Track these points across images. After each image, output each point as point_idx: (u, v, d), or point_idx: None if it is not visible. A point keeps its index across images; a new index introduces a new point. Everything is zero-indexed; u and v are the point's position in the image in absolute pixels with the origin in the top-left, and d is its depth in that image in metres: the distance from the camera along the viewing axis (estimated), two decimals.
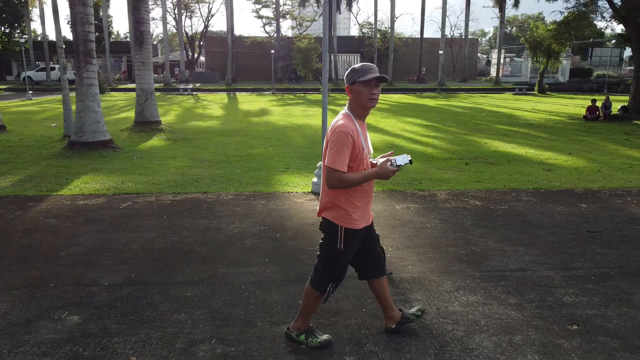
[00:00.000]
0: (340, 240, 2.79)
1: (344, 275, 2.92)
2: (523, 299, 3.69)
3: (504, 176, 8.20)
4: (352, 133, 2.62)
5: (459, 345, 3.06)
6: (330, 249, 2.84)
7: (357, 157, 2.68)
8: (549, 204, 6.35)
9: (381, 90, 2.79)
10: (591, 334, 3.22)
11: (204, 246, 4.69)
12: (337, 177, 2.61)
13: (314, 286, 2.92)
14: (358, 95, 2.68)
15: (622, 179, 8.02)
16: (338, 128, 2.63)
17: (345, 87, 2.76)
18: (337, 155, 2.60)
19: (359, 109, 2.73)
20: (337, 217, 2.77)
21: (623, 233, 5.23)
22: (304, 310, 3.02)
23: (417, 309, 3.22)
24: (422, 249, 4.69)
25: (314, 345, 2.96)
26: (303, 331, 3.02)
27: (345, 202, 2.75)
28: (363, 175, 2.67)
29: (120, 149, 10.49)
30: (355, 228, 2.79)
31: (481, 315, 3.44)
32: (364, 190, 2.78)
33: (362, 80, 2.63)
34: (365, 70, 2.65)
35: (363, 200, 2.80)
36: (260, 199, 6.44)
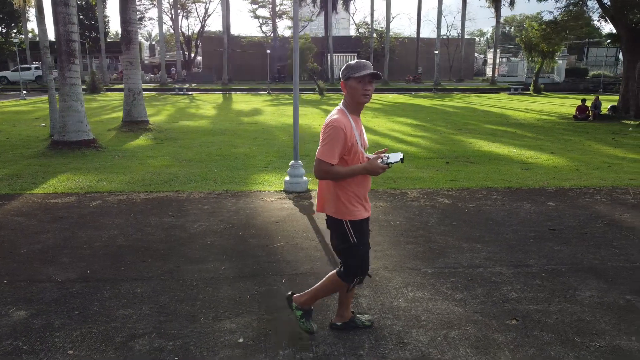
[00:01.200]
0: (351, 234, 2.83)
1: (366, 267, 2.94)
2: (469, 295, 3.74)
3: (481, 175, 8.24)
4: (345, 128, 2.69)
5: (394, 339, 3.11)
6: (345, 246, 2.88)
7: (352, 151, 2.74)
8: (517, 202, 6.40)
9: (377, 91, 2.87)
10: (528, 328, 3.27)
11: (165, 243, 4.75)
12: (325, 169, 2.70)
13: (342, 278, 2.95)
14: (352, 91, 2.76)
15: (598, 178, 8.07)
16: (331, 122, 2.71)
17: (340, 83, 2.83)
18: (327, 148, 2.68)
19: (353, 104, 2.80)
20: (338, 211, 2.82)
21: (584, 231, 5.27)
22: (317, 292, 3.07)
23: (367, 319, 3.27)
24: (380, 247, 4.74)
25: (302, 328, 3.04)
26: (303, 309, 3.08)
27: (344, 195, 2.80)
28: (351, 169, 2.73)
29: (104, 148, 10.55)
30: (358, 218, 2.84)
31: (423, 310, 3.49)
32: (359, 182, 2.83)
33: (357, 77, 2.72)
34: (360, 67, 2.73)
35: (360, 191, 2.85)
36: (231, 197, 6.50)
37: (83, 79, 40.66)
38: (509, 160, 10.04)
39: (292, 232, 5.11)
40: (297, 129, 7.04)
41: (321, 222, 5.47)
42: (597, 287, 3.91)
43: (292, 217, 5.66)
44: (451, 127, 16.26)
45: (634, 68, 18.11)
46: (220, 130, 14.93)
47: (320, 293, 3.07)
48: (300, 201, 6.34)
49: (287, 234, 5.05)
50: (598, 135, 14.63)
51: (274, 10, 45.55)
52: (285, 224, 5.40)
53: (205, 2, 48.67)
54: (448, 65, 52.00)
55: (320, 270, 4.16)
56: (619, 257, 4.55)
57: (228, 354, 2.92)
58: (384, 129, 15.60)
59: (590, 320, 3.38)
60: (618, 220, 5.69)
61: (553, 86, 38.85)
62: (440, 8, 41.39)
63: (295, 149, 6.96)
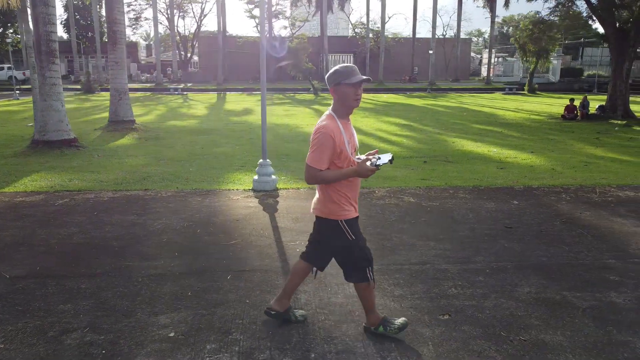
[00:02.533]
0: (347, 232, 2.92)
1: (370, 256, 3.01)
2: (408, 291, 3.80)
3: (454, 174, 8.30)
4: (334, 134, 2.75)
5: (323, 333, 3.17)
6: (344, 245, 2.95)
7: (341, 156, 2.81)
8: (482, 201, 6.45)
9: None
10: (458, 323, 3.32)
11: (121, 241, 4.81)
12: (314, 174, 2.78)
13: (359, 281, 3.01)
14: (344, 96, 2.81)
15: (570, 177, 8.12)
16: (320, 129, 2.76)
17: (330, 88, 2.84)
18: (316, 154, 2.75)
19: (343, 109, 2.86)
20: (332, 212, 2.90)
21: (540, 229, 5.33)
22: (366, 305, 3.11)
23: (301, 314, 3.33)
24: None
25: (394, 333, 3.07)
26: (379, 323, 3.11)
27: (337, 197, 2.89)
28: (341, 173, 2.80)
29: (85, 147, 10.61)
30: (350, 217, 2.94)
31: (360, 306, 3.53)
32: (352, 184, 2.91)
33: (349, 83, 2.77)
34: (350, 72, 2.77)
35: (351, 193, 2.94)
36: (198, 196, 6.56)
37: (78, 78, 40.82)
38: (487, 159, 10.10)
39: (250, 230, 5.17)
40: (264, 128, 7.10)
41: (281, 219, 5.55)
42: (538, 283, 3.97)
43: (254, 215, 5.72)
44: (438, 126, 16.31)
45: (621, 68, 18.15)
46: (207, 129, 15.00)
47: (367, 304, 3.11)
48: (265, 200, 6.40)
49: (245, 232, 5.11)
50: (583, 134, 14.67)
51: (269, 10, 45.58)
52: (245, 222, 5.46)
53: (202, 2, 48.76)
54: (444, 65, 52.03)
55: (268, 266, 4.23)
56: (567, 254, 4.61)
57: (155, 348, 2.98)
58: (371, 128, 15.65)
59: (522, 316, 3.44)
60: (577, 218, 5.74)
61: (548, 86, 38.86)
62: (435, 8, 41.44)
63: (264, 148, 7.01)
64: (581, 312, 3.50)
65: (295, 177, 7.85)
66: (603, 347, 3.06)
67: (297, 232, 5.12)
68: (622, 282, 4.00)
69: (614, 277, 4.10)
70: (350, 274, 3.05)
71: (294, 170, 8.49)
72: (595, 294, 3.79)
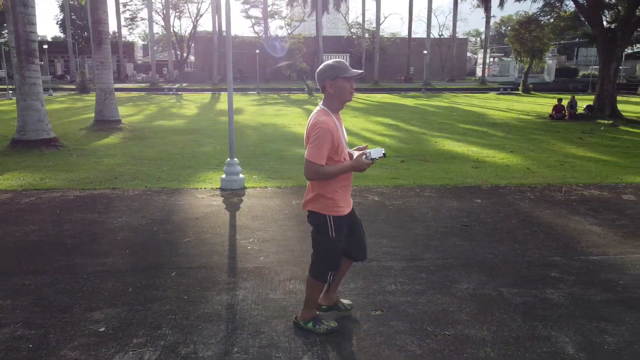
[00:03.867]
0: (331, 229, 2.95)
1: (340, 261, 3.07)
2: (347, 288, 3.85)
3: (426, 173, 8.35)
4: (332, 129, 2.80)
5: (251, 328, 3.23)
6: (323, 239, 3.00)
7: (338, 151, 2.86)
8: (446, 200, 6.50)
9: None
10: (388, 318, 3.38)
11: (76, 239, 4.86)
12: (315, 170, 2.79)
13: (316, 278, 3.07)
14: (340, 90, 2.85)
15: (541, 176, 8.17)
16: (319, 124, 2.78)
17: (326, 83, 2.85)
18: (317, 150, 2.76)
19: (337, 104, 2.90)
20: (323, 207, 2.93)
21: (495, 227, 5.38)
22: (308, 300, 3.16)
23: (348, 303, 3.43)
24: (287, 242, 4.85)
25: (321, 332, 3.12)
26: (310, 319, 3.16)
27: (330, 191, 2.91)
28: (339, 168, 2.84)
29: (65, 147, 10.67)
30: (341, 214, 2.98)
31: (295, 302, 3.60)
32: (345, 179, 2.96)
33: (346, 76, 2.82)
34: (345, 67, 2.83)
35: (345, 188, 2.98)
36: (165, 194, 6.61)
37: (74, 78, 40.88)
38: (465, 158, 10.15)
39: (207, 228, 5.22)
40: (232, 128, 7.16)
41: (240, 218, 5.60)
42: (478, 279, 4.02)
43: (215, 213, 5.77)
44: (425, 126, 16.37)
45: (609, 68, 18.19)
46: (193, 129, 15.07)
47: (310, 299, 3.17)
48: (230, 198, 6.46)
49: (201, 230, 5.17)
50: (567, 134, 14.72)
51: (265, 10, 45.66)
52: (204, 220, 5.52)
53: (198, 2, 48.79)
54: (440, 65, 52.07)
55: (215, 264, 4.28)
56: (515, 251, 4.66)
57: (82, 342, 3.04)
58: (358, 128, 15.72)
59: (453, 311, 3.49)
60: (535, 216, 5.80)
61: (543, 86, 38.92)
62: (430, 8, 41.48)
63: (231, 148, 7.07)
64: (513, 307, 3.55)
65: (266, 177, 7.91)
66: (524, 341, 3.11)
67: (252, 230, 5.17)
68: (561, 278, 4.06)
69: (555, 273, 4.15)
70: (313, 268, 3.10)
71: (268, 170, 8.55)
72: (531, 290, 3.85)
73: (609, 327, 3.30)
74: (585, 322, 3.36)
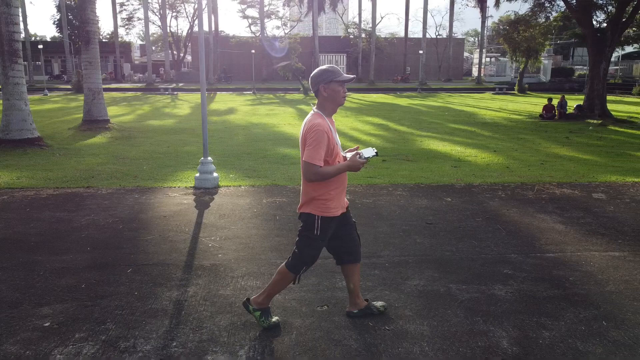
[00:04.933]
0: (317, 227, 3.03)
1: (316, 259, 3.14)
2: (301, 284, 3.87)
3: (404, 172, 8.40)
4: (327, 131, 2.89)
5: (194, 323, 3.28)
6: (307, 234, 3.08)
7: (333, 152, 2.95)
8: (416, 198, 6.55)
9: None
10: (332, 314, 3.43)
11: (40, 236, 4.91)
12: (314, 171, 2.87)
13: (290, 269, 3.13)
14: (334, 94, 2.96)
15: (518, 175, 8.21)
16: (315, 127, 2.88)
17: (320, 87, 2.95)
18: (315, 152, 2.86)
19: (331, 106, 3.00)
20: (315, 208, 3.02)
21: (459, 225, 5.43)
22: (272, 289, 3.21)
23: (381, 305, 3.45)
24: (249, 239, 4.90)
25: (264, 326, 3.18)
26: (261, 309, 3.21)
27: (323, 193, 2.99)
28: (337, 168, 2.93)
29: (49, 146, 10.73)
30: (331, 215, 3.04)
31: (244, 298, 3.64)
32: (339, 180, 3.04)
33: (340, 80, 2.93)
34: (338, 71, 2.96)
35: (338, 189, 3.06)
36: (137, 193, 6.66)
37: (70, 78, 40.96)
38: (447, 157, 10.20)
39: (172, 226, 5.27)
40: (205, 127, 7.22)
41: (207, 216, 5.65)
42: (430, 276, 4.07)
43: (183, 212, 5.82)
44: (414, 126, 16.41)
45: (598, 68, 18.23)
46: (181, 129, 15.11)
47: (274, 289, 3.23)
48: (202, 197, 6.51)
49: (166, 228, 5.22)
50: (554, 134, 14.76)
51: (261, 10, 45.71)
52: (172, 218, 5.57)
53: (194, 2, 48.81)
54: (437, 65, 52.10)
55: (172, 261, 4.33)
56: (473, 249, 4.71)
57: (25, 337, 3.09)
58: (346, 128, 15.75)
59: (398, 307, 3.54)
60: (501, 214, 5.84)
61: (539, 86, 38.93)
62: (425, 8, 41.53)
63: (205, 147, 7.12)
64: (458, 303, 3.60)
65: (244, 176, 7.96)
66: (461, 336, 3.16)
67: (217, 228, 5.22)
68: (513, 275, 4.10)
69: (507, 270, 4.20)
70: (291, 258, 3.16)
71: (246, 169, 8.60)
72: (480, 286, 3.89)
73: (549, 322, 3.34)
74: (526, 317, 3.41)
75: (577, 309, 3.54)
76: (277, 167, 8.75)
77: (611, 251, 4.67)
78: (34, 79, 39.89)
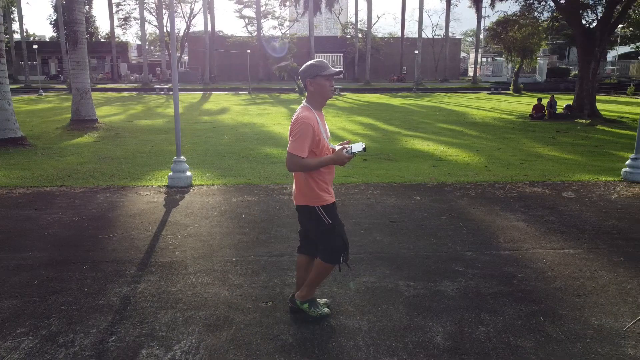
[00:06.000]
0: (324, 217, 3.10)
1: (347, 241, 3.21)
2: (249, 280, 3.95)
3: (380, 171, 8.45)
4: (313, 123, 2.96)
5: (137, 318, 3.33)
6: (322, 229, 3.13)
7: (320, 145, 3.01)
8: (386, 197, 6.60)
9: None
10: (274, 310, 3.48)
11: (4, 234, 4.97)
12: (296, 162, 2.95)
13: (329, 262, 3.18)
14: (320, 88, 3.03)
15: (493, 174, 8.25)
16: (301, 119, 2.96)
17: (307, 81, 3.03)
18: (298, 143, 2.93)
19: (319, 100, 3.07)
20: (310, 200, 3.09)
21: (422, 223, 5.47)
22: (313, 281, 3.26)
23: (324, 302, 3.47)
24: (210, 237, 4.95)
25: (315, 316, 3.26)
26: (307, 300, 3.29)
27: (314, 185, 3.07)
28: (320, 161, 2.99)
29: (32, 146, 10.79)
30: (328, 203, 3.12)
31: (191, 294, 3.70)
32: (327, 172, 3.12)
33: (326, 74, 2.99)
34: (324, 66, 3.01)
35: (328, 180, 3.15)
36: (110, 191, 6.72)
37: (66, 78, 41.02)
38: (427, 157, 10.25)
39: (137, 224, 5.32)
40: (178, 126, 7.27)
41: (174, 214, 5.71)
42: (381, 273, 4.12)
43: (151, 210, 5.87)
44: (402, 126, 16.46)
45: (588, 68, 18.26)
46: (169, 128, 15.17)
47: (316, 281, 3.29)
48: (173, 195, 6.56)
49: (130, 226, 5.27)
50: (541, 133, 14.79)
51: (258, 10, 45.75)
52: (138, 216, 5.62)
53: (191, 2, 48.92)
54: (433, 65, 52.13)
55: (129, 258, 4.38)
56: (431, 247, 4.75)
57: None
58: (335, 127, 15.80)
59: (341, 303, 3.59)
60: (466, 213, 5.89)
61: (534, 86, 38.95)
62: (421, 7, 41.57)
63: (178, 146, 7.18)
64: (402, 299, 3.64)
65: (220, 174, 8.01)
66: (397, 331, 3.21)
67: (181, 226, 5.27)
68: (463, 272, 4.15)
69: (459, 267, 4.25)
70: (324, 255, 3.21)
71: (225, 168, 8.65)
72: (429, 283, 3.94)
73: (488, 318, 3.39)
74: (466, 313, 3.46)
75: (519, 305, 3.58)
76: (255, 167, 8.80)
77: (567, 249, 4.72)
78: (30, 79, 39.91)
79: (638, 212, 5.93)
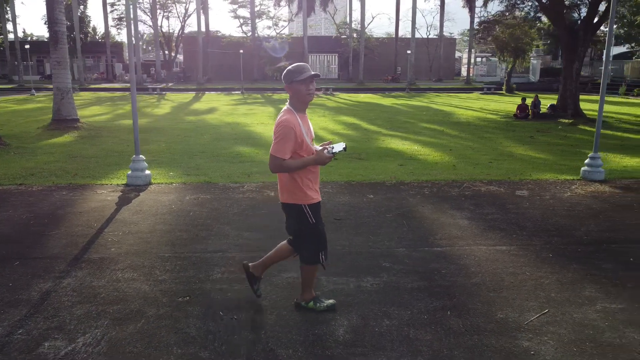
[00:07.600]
0: (309, 216, 3.20)
1: (326, 240, 3.32)
2: (175, 276, 4.02)
3: (346, 170, 8.50)
4: (294, 126, 3.05)
5: (50, 312, 3.40)
6: (305, 226, 3.23)
7: (302, 146, 3.10)
8: (340, 195, 6.66)
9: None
10: (190, 304, 3.54)
11: None
12: (278, 164, 3.06)
13: (308, 263, 3.33)
14: (297, 93, 3.12)
15: (456, 174, 8.30)
16: (282, 122, 3.05)
17: (285, 86, 3.15)
18: (279, 145, 3.03)
19: (299, 104, 3.15)
20: (297, 198, 3.18)
21: (366, 221, 5.53)
22: (305, 283, 3.42)
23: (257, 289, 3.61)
24: (151, 235, 5.02)
25: (322, 309, 3.41)
26: (310, 300, 3.43)
27: (300, 184, 3.16)
28: (302, 162, 3.09)
29: (7, 145, 10.86)
30: (314, 202, 3.22)
31: (112, 289, 3.76)
32: (312, 172, 3.22)
33: (300, 79, 3.07)
34: (300, 70, 3.09)
35: (314, 179, 3.25)
36: (67, 190, 6.79)
37: None
38: (398, 156, 10.30)
39: (82, 222, 5.39)
40: (136, 126, 7.36)
41: (122, 212, 5.77)
42: None
43: (101, 208, 5.94)
44: (384, 125, 16.50)
45: (571, 68, 18.31)
46: (151, 128, 15.26)
47: (307, 283, 3.43)
48: (128, 194, 6.63)
49: (75, 223, 5.33)
50: (521, 133, 14.84)
51: (252, 10, 45.84)
52: (86, 214, 5.69)
53: (185, 2, 49.02)
54: (428, 65, 52.17)
55: (62, 254, 4.45)
56: (366, 243, 4.82)
57: None
58: (317, 127, 15.84)
59: (267, 297, 3.65)
60: (414, 211, 5.95)
61: (527, 86, 38.95)
62: (414, 7, 41.62)
63: (136, 144, 7.25)
64: (320, 294, 3.70)
65: (183, 173, 8.08)
66: (301, 324, 3.28)
67: (126, 224, 5.34)
68: (389, 268, 4.21)
69: (386, 264, 4.31)
70: (303, 256, 3.34)
71: (191, 167, 8.71)
72: (351, 278, 4.01)
73: (396, 311, 3.46)
74: (377, 307, 3.52)
75: (432, 299, 3.65)
76: (222, 166, 8.86)
77: (500, 245, 4.78)
78: (23, 79, 40.02)
79: (584, 210, 5.99)
